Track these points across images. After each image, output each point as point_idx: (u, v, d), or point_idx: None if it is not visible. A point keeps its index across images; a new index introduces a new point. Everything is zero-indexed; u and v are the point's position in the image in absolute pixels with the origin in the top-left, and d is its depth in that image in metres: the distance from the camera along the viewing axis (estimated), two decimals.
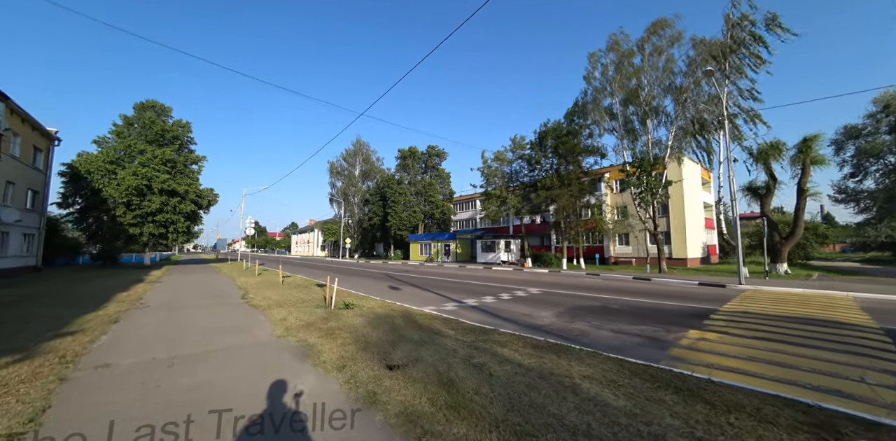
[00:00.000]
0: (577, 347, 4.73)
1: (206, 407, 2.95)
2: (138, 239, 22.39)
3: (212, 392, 3.33)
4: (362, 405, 3.01)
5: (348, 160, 49.81)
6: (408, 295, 10.85)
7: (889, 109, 36.44)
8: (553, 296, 10.54)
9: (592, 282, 14.90)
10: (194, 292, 10.75)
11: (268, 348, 4.75)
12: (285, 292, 10.42)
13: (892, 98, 35.97)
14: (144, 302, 8.78)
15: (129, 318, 6.76)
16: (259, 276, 16.46)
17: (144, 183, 20.50)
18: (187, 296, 9.94)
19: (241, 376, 3.73)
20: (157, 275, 17.17)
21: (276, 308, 7.77)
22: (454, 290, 12.04)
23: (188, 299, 9.24)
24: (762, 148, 19.64)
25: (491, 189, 26.69)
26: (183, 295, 10.13)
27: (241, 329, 5.86)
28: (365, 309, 7.66)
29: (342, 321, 6.34)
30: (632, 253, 30.87)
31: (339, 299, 8.46)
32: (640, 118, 21.32)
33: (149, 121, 22.16)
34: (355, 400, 3.12)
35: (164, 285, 12.67)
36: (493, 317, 7.56)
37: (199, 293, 10.54)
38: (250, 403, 3.05)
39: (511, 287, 12.66)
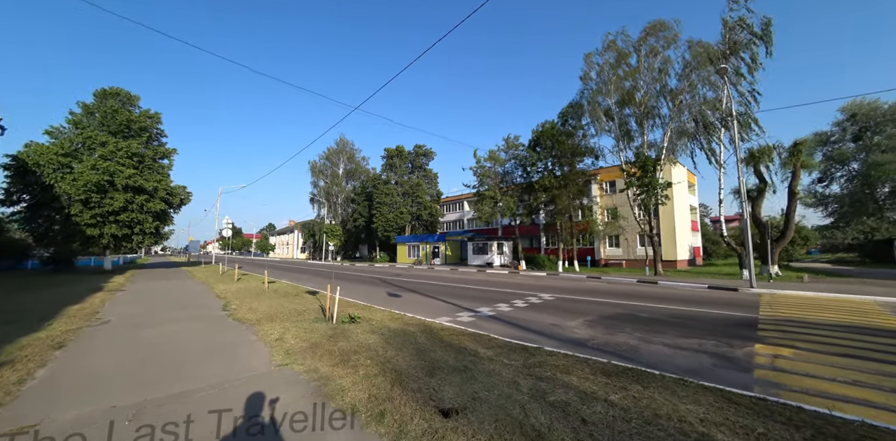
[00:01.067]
0: (656, 373, 3.92)
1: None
2: (98, 241, 20.11)
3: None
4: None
5: (331, 159, 47.97)
6: (413, 303, 9.82)
7: (855, 118, 38.55)
8: (569, 302, 9.81)
9: (598, 285, 14.35)
10: (164, 303, 9.28)
11: (269, 383, 3.65)
12: (273, 302, 9.15)
13: (858, 107, 38.09)
14: (102, 316, 7.33)
15: (80, 341, 5.41)
16: (239, 281, 14.91)
17: (106, 178, 18.37)
18: (156, 308, 8.50)
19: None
20: (120, 281, 15.26)
21: (268, 323, 6.58)
22: (460, 296, 11.10)
23: (157, 312, 7.84)
24: (752, 152, 19.90)
25: (484, 189, 25.96)
26: (151, 307, 8.67)
27: (230, 354, 4.70)
28: (374, 323, 6.60)
29: (353, 340, 5.28)
30: (622, 255, 30.98)
31: (341, 311, 7.35)
32: (637, 119, 21.25)
33: (111, 110, 19.96)
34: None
35: (128, 294, 11.03)
36: (520, 329, 6.69)
37: (170, 304, 9.09)
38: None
39: (519, 292, 11.87)
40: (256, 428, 2.75)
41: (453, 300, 10.28)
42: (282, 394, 3.37)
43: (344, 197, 47.70)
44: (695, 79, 19.66)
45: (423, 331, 5.98)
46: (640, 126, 20.82)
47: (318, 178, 47.97)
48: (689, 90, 19.69)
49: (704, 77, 19.15)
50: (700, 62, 19.14)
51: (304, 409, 3.01)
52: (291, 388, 3.51)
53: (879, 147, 34.80)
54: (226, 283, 14.04)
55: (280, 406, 3.11)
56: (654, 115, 21.16)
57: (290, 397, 3.30)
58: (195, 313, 7.69)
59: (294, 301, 9.30)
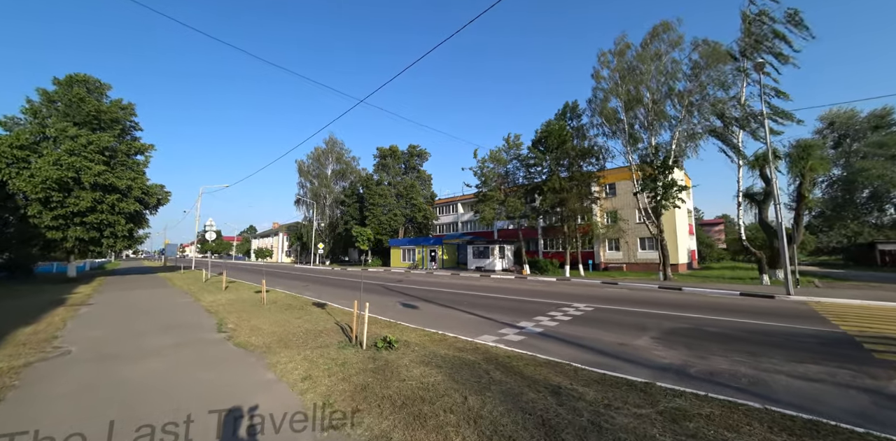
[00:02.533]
0: (846, 427, 2.89)
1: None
2: (61, 245, 17.84)
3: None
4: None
5: (320, 159, 46.04)
6: (438, 317, 8.58)
7: (833, 126, 39.98)
8: (613, 314, 8.82)
9: (621, 292, 13.49)
10: (142, 322, 7.69)
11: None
12: (278, 318, 7.72)
13: (836, 116, 39.51)
14: (62, 344, 5.76)
15: (26, 388, 3.93)
16: (228, 291, 13.23)
17: (70, 175, 16.24)
18: (132, 329, 6.94)
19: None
20: (86, 292, 13.28)
21: (282, 350, 5.23)
22: (485, 307, 9.93)
23: (134, 337, 6.30)
24: (757, 154, 19.74)
25: (487, 190, 24.96)
26: (125, 328, 7.09)
27: (247, 408, 3.36)
28: (416, 348, 5.37)
29: (408, 377, 4.04)
30: (622, 258, 30.61)
31: (369, 331, 6.05)
32: (648, 120, 20.78)
33: (77, 98, 17.80)
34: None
35: (96, 310, 9.30)
36: (590, 352, 5.60)
37: (149, 323, 7.51)
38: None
39: (545, 301, 10.81)
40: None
41: (481, 312, 9.10)
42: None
43: (333, 198, 45.78)
44: (704, 79, 19.39)
45: (486, 359, 4.80)
46: (651, 127, 20.34)
47: (306, 179, 45.92)
48: (700, 90, 19.37)
49: (715, 77, 18.89)
50: (711, 61, 18.86)
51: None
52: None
53: (858, 153, 36.17)
54: (213, 293, 12.36)
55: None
56: (665, 115, 20.74)
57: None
58: (184, 337, 6.20)
59: (302, 317, 7.89)
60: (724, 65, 18.73)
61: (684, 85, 19.97)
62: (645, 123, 21.08)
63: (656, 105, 20.06)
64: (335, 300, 10.87)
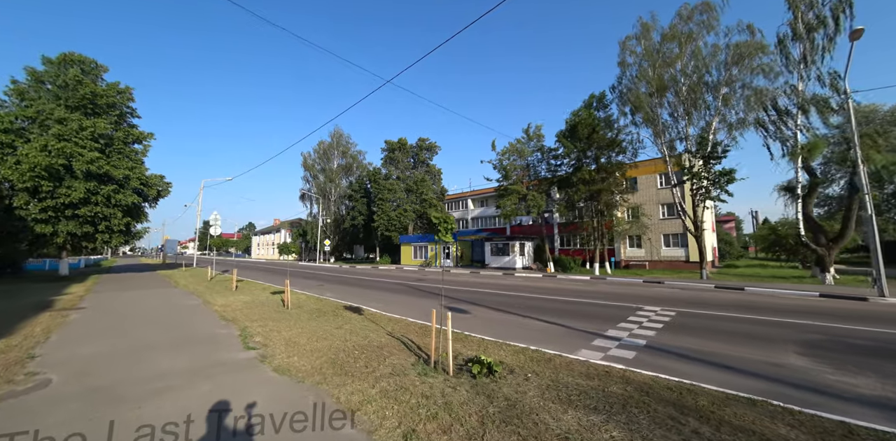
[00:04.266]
0: None
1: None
2: (51, 240, 16.28)
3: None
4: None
5: (325, 153, 44.41)
6: (503, 325, 7.13)
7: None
8: (707, 320, 7.42)
9: (680, 293, 12.07)
10: (145, 333, 6.21)
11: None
12: (314, 327, 6.25)
13: (857, 110, 38.17)
14: (39, 368, 4.27)
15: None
16: (239, 291, 11.73)
17: (61, 162, 14.66)
18: (132, 344, 5.46)
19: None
20: (79, 292, 11.75)
21: (343, 380, 3.77)
22: (546, 311, 8.49)
23: (135, 356, 4.82)
24: (801, 145, 18.35)
25: (509, 184, 23.48)
26: (123, 341, 5.61)
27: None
28: (525, 373, 3.92)
29: (564, 433, 2.58)
30: (644, 256, 29.25)
31: (438, 343, 4.59)
32: (686, 108, 19.32)
33: (72, 80, 16.14)
34: None
35: (88, 316, 7.80)
36: (745, 375, 4.20)
37: (154, 334, 6.03)
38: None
39: (611, 303, 9.39)
40: None
41: (548, 317, 7.66)
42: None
43: (338, 194, 44.21)
44: (746, 65, 17.94)
45: (641, 391, 3.41)
46: (688, 115, 18.87)
47: (311, 173, 44.31)
48: (735, 81, 17.88)
49: (756, 65, 17.44)
50: (752, 48, 17.44)
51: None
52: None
53: (881, 149, 34.80)
54: (223, 294, 10.85)
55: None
56: (704, 103, 19.27)
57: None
58: (201, 357, 4.72)
59: (342, 326, 6.42)
60: (764, 54, 17.34)
61: (721, 73, 18.51)
62: (680, 112, 19.63)
63: (693, 93, 18.58)
64: (366, 303, 9.42)
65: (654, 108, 19.79)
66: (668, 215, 29.09)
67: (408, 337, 5.70)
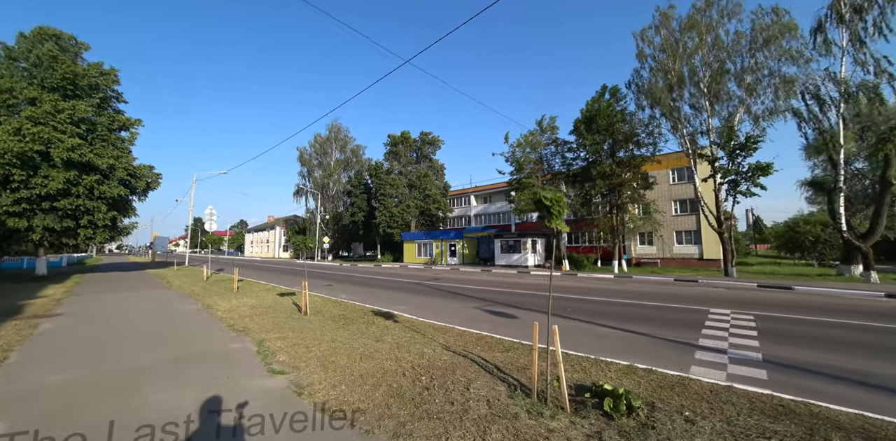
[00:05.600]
0: None
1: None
2: (27, 236, 14.70)
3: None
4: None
5: (323, 147, 42.82)
6: (568, 333, 6.00)
7: (861, 116, 38.33)
8: (804, 326, 6.42)
9: (727, 293, 11.11)
10: (136, 349, 4.93)
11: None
12: (346, 339, 5.04)
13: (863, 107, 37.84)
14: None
15: None
16: (241, 293, 10.43)
17: (37, 148, 13.10)
18: (119, 366, 4.19)
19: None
20: (56, 295, 10.31)
21: (422, 424, 2.61)
22: (605, 315, 7.41)
23: (123, 385, 3.57)
24: (824, 138, 17.60)
25: (524, 177, 22.39)
26: (108, 363, 4.33)
27: None
28: (675, 409, 2.79)
29: None
30: (656, 253, 28.54)
31: (545, 368, 3.44)
32: (708, 99, 18.40)
33: (48, 56, 14.50)
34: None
35: (65, 325, 6.47)
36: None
37: (148, 352, 4.76)
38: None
39: (674, 306, 8.36)
40: None
41: (612, 323, 6.58)
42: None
43: (336, 190, 42.69)
44: (774, 51, 17.07)
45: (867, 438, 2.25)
46: (711, 106, 17.96)
47: (308, 168, 42.69)
48: (760, 68, 17.00)
49: (785, 49, 16.59)
50: (781, 31, 16.58)
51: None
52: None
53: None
54: (225, 297, 9.54)
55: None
56: (726, 94, 18.37)
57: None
58: (213, 386, 3.48)
59: (381, 337, 5.23)
60: (792, 37, 16.50)
61: (746, 59, 17.61)
62: (702, 103, 18.72)
63: (716, 83, 17.66)
64: (390, 306, 8.25)
65: (674, 100, 18.86)
66: (680, 212, 28.35)
67: (473, 352, 4.55)
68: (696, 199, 19.63)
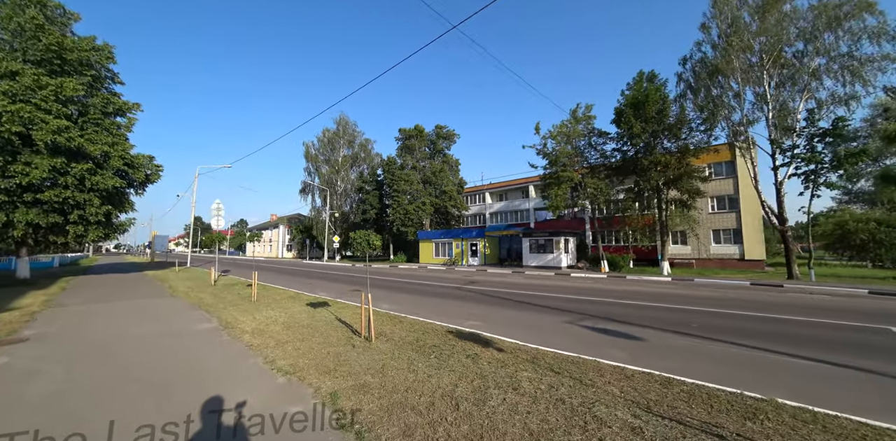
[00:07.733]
0: None
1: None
2: (6, 232, 12.71)
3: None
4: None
5: (330, 142, 40.82)
6: (713, 361, 4.07)
7: (888, 113, 36.35)
8: None
9: (848, 303, 9.21)
10: (130, 410, 2.96)
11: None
12: (469, 395, 3.08)
13: (893, 102, 35.91)
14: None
15: None
16: (261, 302, 8.47)
17: (15, 129, 11.12)
18: None
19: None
20: (32, 306, 8.33)
21: None
22: (727, 331, 5.45)
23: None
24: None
25: (560, 169, 20.46)
26: (97, 430, 2.43)
27: None
28: None
29: None
30: (690, 254, 26.73)
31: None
32: (781, 79, 16.40)
33: (32, 24, 12.52)
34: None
35: (31, 357, 4.51)
36: None
37: (150, 416, 2.79)
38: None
39: (796, 319, 6.43)
40: None
41: (756, 343, 4.63)
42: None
43: (344, 187, 40.71)
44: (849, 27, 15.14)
45: None
46: (791, 86, 16.00)
47: (314, 165, 40.69)
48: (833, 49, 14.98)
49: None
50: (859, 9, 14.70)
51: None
52: None
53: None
54: (244, 309, 7.57)
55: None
56: (814, 73, 16.08)
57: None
58: None
59: (516, 385, 3.27)
60: (871, 14, 14.57)
61: (829, 36, 15.65)
62: (772, 86, 16.74)
63: (798, 59, 15.75)
64: (459, 321, 6.31)
65: (744, 79, 16.78)
66: (717, 209, 26.49)
67: (695, 418, 2.60)
68: (756, 192, 17.70)
